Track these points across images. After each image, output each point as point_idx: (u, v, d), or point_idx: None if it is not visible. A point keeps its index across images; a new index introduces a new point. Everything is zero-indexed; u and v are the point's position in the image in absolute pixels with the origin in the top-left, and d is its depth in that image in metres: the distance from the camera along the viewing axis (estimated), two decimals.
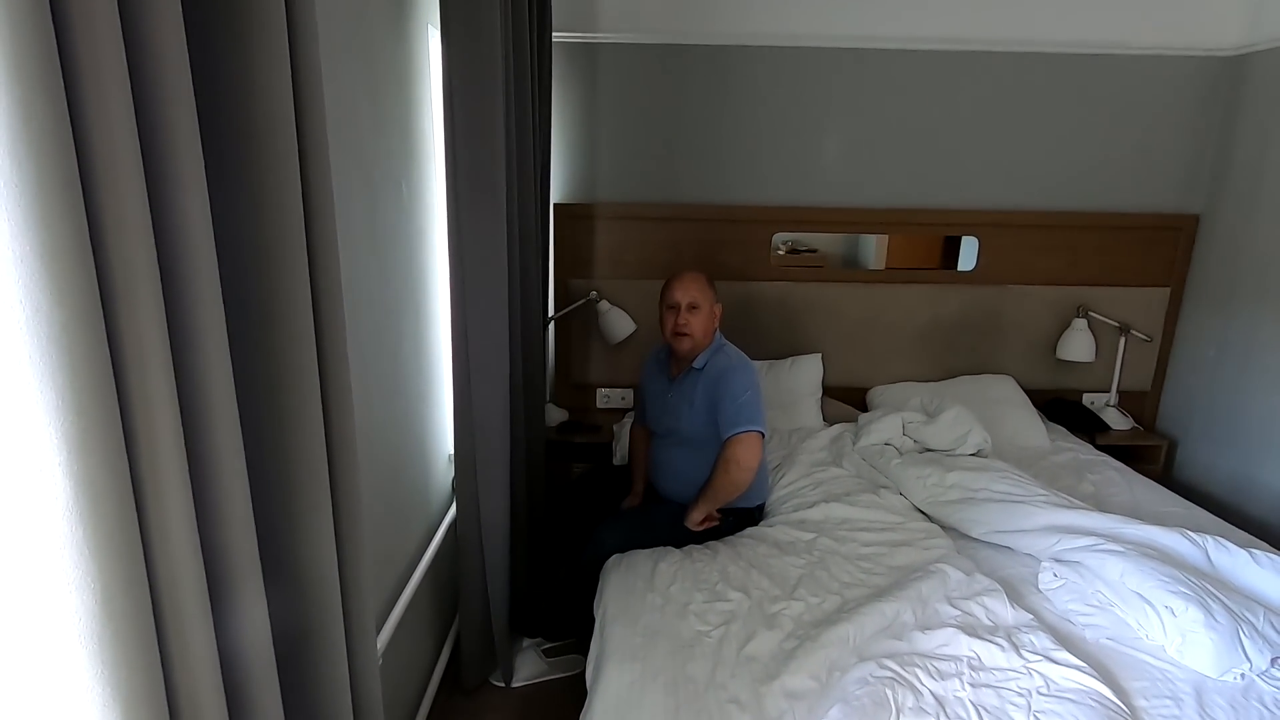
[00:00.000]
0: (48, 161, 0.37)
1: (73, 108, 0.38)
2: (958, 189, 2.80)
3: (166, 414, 0.45)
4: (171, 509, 0.46)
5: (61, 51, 0.37)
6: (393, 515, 1.59)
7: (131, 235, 0.41)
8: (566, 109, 2.68)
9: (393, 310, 1.55)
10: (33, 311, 0.37)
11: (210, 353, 0.50)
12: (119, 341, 0.41)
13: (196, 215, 0.48)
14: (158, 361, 0.44)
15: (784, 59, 2.65)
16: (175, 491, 0.46)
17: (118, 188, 0.40)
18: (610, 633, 1.47)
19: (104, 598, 0.42)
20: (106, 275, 0.41)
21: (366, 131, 1.37)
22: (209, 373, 0.50)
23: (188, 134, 0.47)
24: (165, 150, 0.45)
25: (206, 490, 0.51)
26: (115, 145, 0.40)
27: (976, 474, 2.04)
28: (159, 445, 0.45)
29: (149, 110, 0.44)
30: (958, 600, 1.56)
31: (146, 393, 0.43)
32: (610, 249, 2.77)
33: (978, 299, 2.83)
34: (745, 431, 1.85)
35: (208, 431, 0.51)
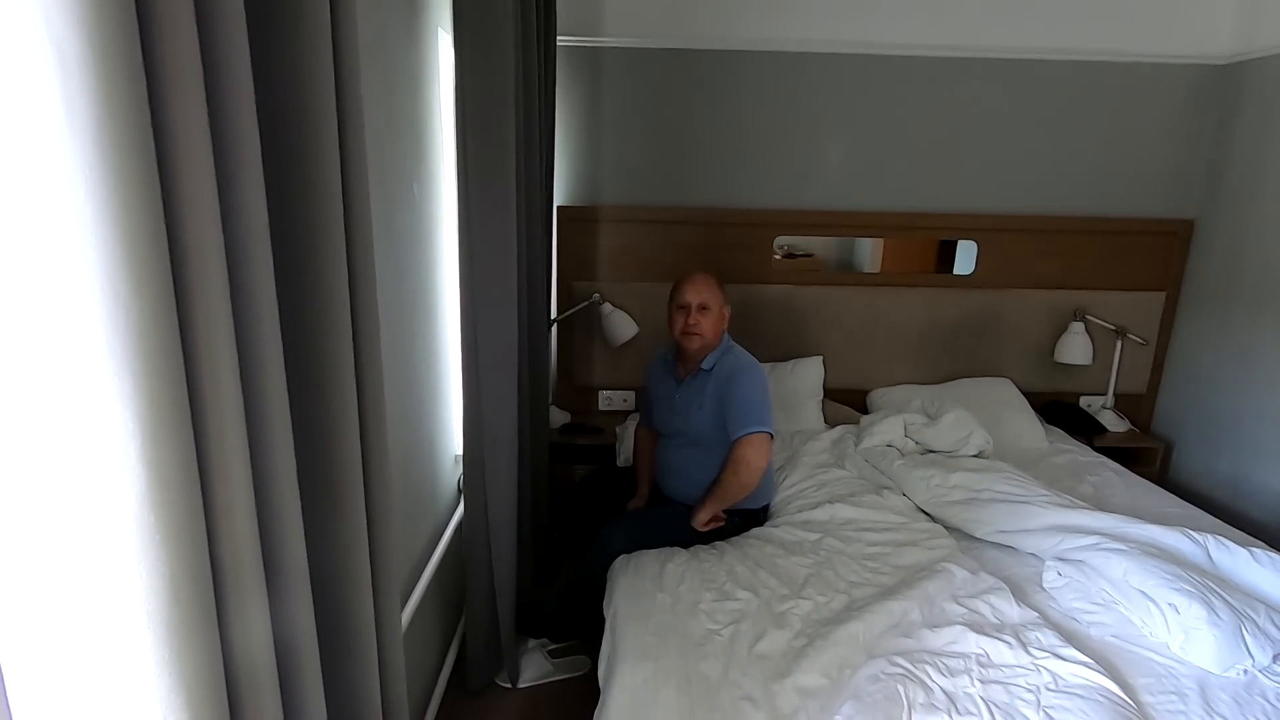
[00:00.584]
0: (129, 156, 0.38)
1: (153, 104, 0.39)
2: (957, 193, 2.83)
3: (232, 405, 0.46)
4: (236, 499, 0.47)
5: (145, 53, 0.38)
6: (402, 516, 1.60)
7: (203, 229, 0.42)
8: (570, 112, 2.69)
9: (404, 311, 1.56)
10: (112, 298, 0.38)
11: (267, 347, 0.51)
12: (191, 333, 0.42)
13: (257, 210, 0.49)
14: (225, 353, 0.45)
15: (785, 64, 2.67)
16: (239, 482, 0.47)
17: (193, 182, 0.41)
18: (622, 632, 1.48)
19: (171, 582, 0.43)
20: (181, 267, 0.41)
21: (380, 133, 1.38)
22: (266, 367, 0.51)
23: (249, 134, 0.48)
24: (230, 148, 0.46)
25: (262, 483, 0.52)
26: (191, 141, 0.41)
27: (979, 475, 2.06)
28: (226, 436, 0.45)
29: (217, 109, 0.45)
30: (964, 599, 1.58)
31: (215, 384, 0.44)
32: (613, 252, 2.79)
33: (976, 302, 2.87)
34: (755, 432, 1.87)
35: (264, 425, 0.51)
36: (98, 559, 0.40)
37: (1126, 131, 2.76)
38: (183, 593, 0.43)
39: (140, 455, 0.40)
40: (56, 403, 0.38)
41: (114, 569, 0.41)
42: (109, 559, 0.41)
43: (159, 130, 0.39)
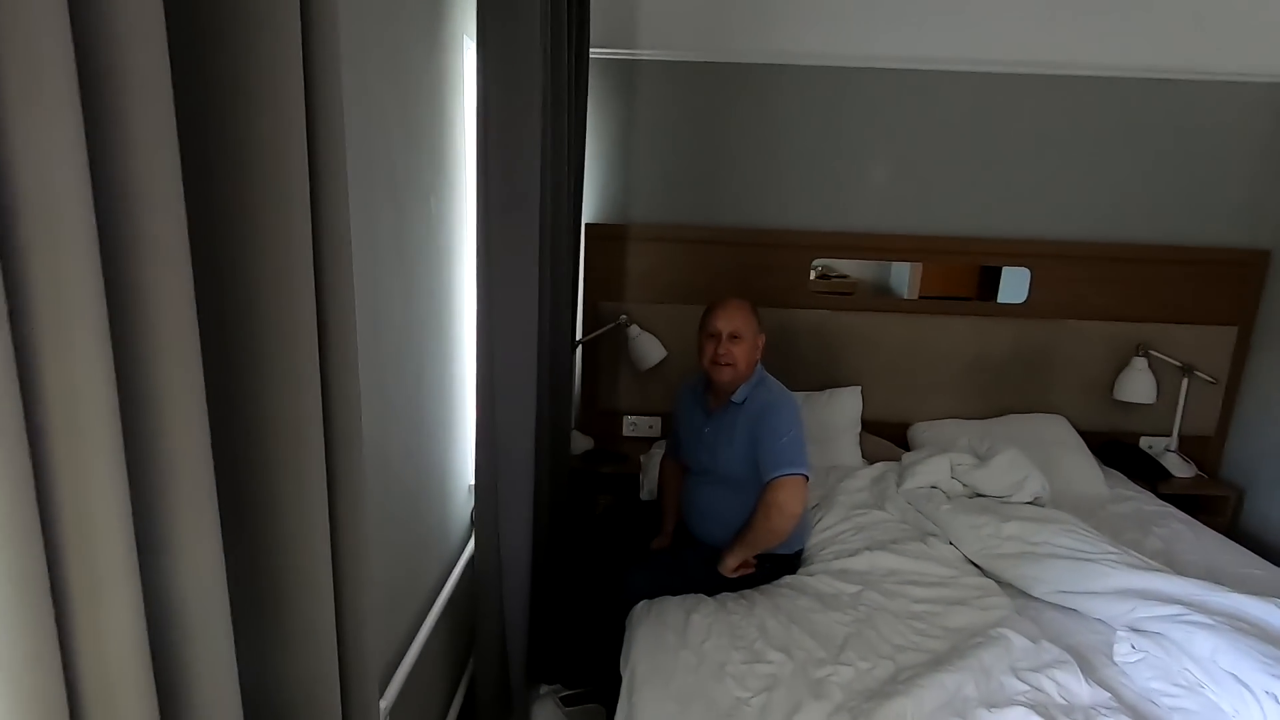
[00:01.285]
0: None
1: None
2: (1009, 217, 2.66)
3: (102, 459, 0.34)
4: (114, 605, 0.35)
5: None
6: (409, 550, 1.48)
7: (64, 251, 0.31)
8: (601, 126, 2.60)
9: (416, 332, 1.45)
10: None
11: (181, 396, 0.39)
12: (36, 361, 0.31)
13: (166, 231, 0.37)
14: (95, 385, 0.33)
15: (826, 79, 2.55)
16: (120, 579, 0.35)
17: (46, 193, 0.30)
18: (640, 698, 1.33)
19: None
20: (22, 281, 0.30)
21: (396, 143, 1.29)
22: (169, 402, 0.39)
23: (157, 139, 0.36)
24: (125, 158, 0.35)
25: (167, 564, 0.40)
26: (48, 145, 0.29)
27: (1037, 525, 1.88)
28: (99, 518, 0.34)
29: (105, 110, 0.34)
30: (1025, 672, 1.40)
31: (75, 424, 0.32)
32: (642, 272, 2.67)
33: (1028, 333, 2.68)
34: (789, 474, 1.72)
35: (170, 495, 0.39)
36: None
37: (1195, 154, 2.57)
38: None
39: None
40: None
41: None
42: None
43: None
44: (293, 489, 0.56)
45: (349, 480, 0.63)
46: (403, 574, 1.44)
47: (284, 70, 0.49)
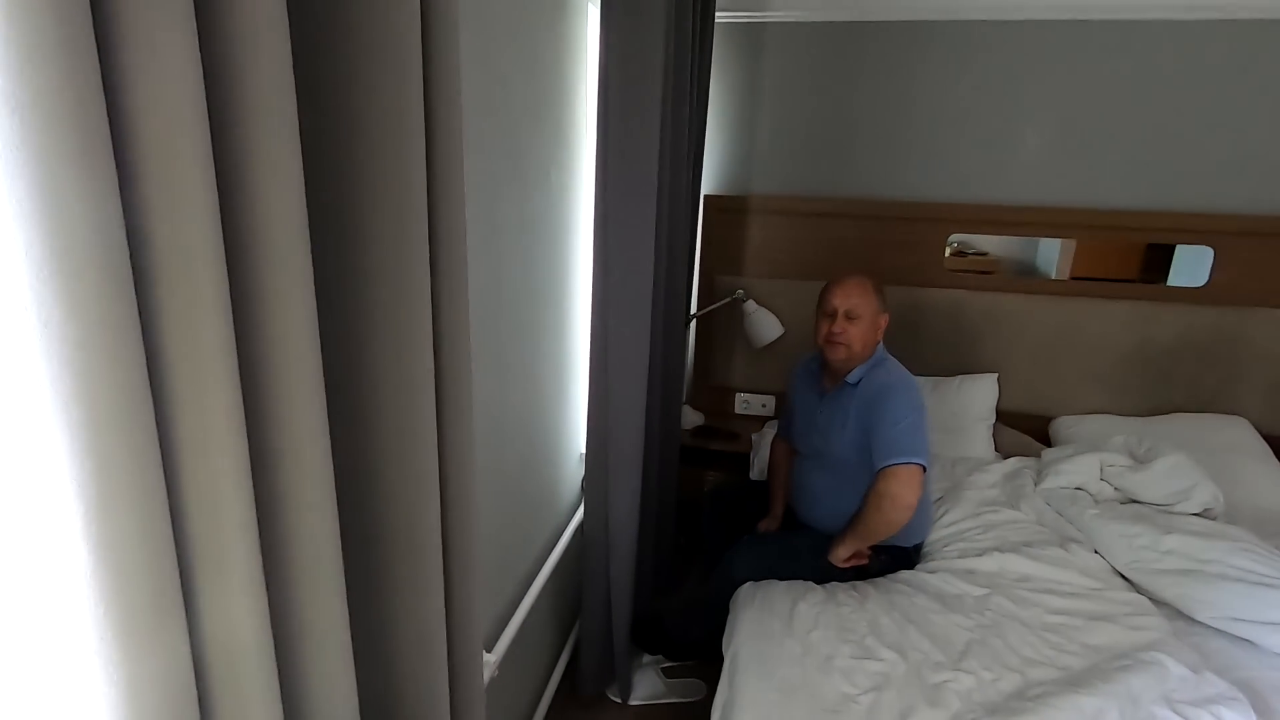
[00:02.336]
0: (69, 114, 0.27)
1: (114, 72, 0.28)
2: (1187, 189, 2.32)
3: (228, 430, 0.35)
4: (231, 541, 0.36)
5: None
6: (520, 514, 1.53)
7: (188, 222, 0.31)
8: (723, 94, 2.51)
9: (535, 302, 1.48)
10: (43, 323, 0.27)
11: (295, 361, 0.40)
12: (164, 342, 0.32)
13: (285, 205, 0.38)
14: (222, 368, 0.34)
15: (975, 34, 2.31)
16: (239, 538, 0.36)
17: (165, 168, 0.30)
18: (741, 682, 1.31)
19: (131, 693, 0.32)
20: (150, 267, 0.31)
21: (520, 115, 1.30)
22: (292, 382, 0.40)
23: (277, 109, 0.37)
24: (243, 129, 0.35)
25: (284, 522, 0.42)
26: (173, 121, 0.30)
27: (1206, 541, 1.66)
28: (217, 466, 0.35)
29: (225, 83, 0.34)
30: (1181, 705, 1.24)
31: (203, 404, 0.33)
32: (761, 245, 2.58)
33: (1207, 321, 2.34)
34: (902, 463, 1.61)
35: (287, 454, 0.41)
36: None
37: None
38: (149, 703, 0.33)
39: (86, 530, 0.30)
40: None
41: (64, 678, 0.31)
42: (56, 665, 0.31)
43: (128, 104, 0.29)
44: (407, 447, 0.57)
45: (458, 440, 0.64)
46: (513, 535, 1.49)
47: (402, 43, 0.49)
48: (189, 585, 0.35)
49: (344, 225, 0.48)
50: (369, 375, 0.54)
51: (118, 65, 0.28)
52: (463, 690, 0.74)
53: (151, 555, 0.32)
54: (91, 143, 0.26)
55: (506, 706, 1.55)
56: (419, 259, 0.53)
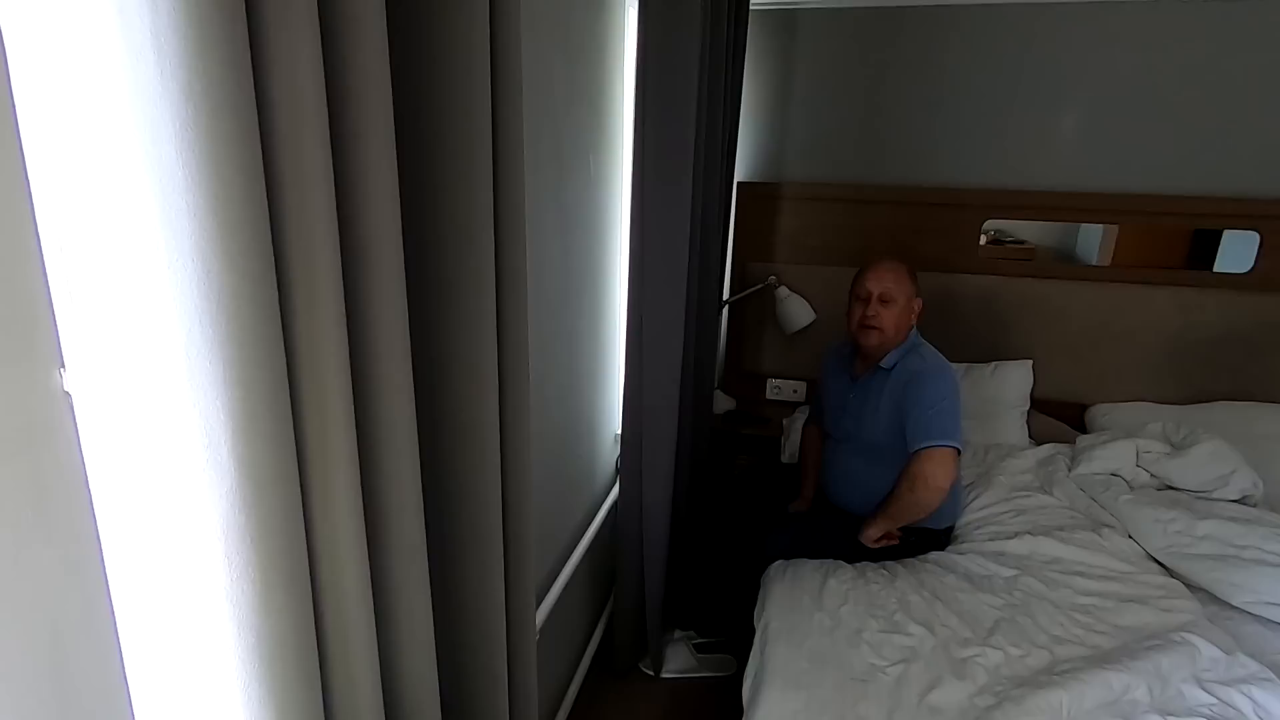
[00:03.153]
0: (226, 130, 0.32)
1: (257, 73, 0.33)
2: (1231, 171, 2.27)
3: (339, 398, 0.41)
4: (338, 498, 0.42)
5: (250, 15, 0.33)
6: (558, 491, 1.60)
7: (311, 210, 0.37)
8: (758, 81, 2.53)
9: (573, 285, 1.53)
10: (204, 274, 0.33)
11: (388, 335, 0.46)
12: (293, 319, 0.38)
13: (383, 195, 0.43)
14: (333, 342, 0.40)
15: (1011, 16, 2.29)
16: (343, 479, 0.43)
17: (301, 162, 0.36)
18: (772, 652, 1.35)
19: (263, 589, 0.38)
20: (284, 248, 0.37)
21: (559, 102, 1.34)
22: (386, 356, 0.46)
23: (379, 112, 0.42)
24: (352, 127, 0.40)
25: (377, 477, 0.47)
26: (301, 121, 0.35)
27: (1244, 527, 1.65)
28: (329, 430, 0.41)
29: (337, 83, 0.39)
30: (1211, 685, 1.25)
31: (319, 374, 0.39)
32: (794, 232, 2.60)
33: (1252, 308, 2.30)
34: (937, 446, 1.63)
35: (381, 416, 0.47)
36: (183, 561, 0.37)
37: None
38: (276, 601, 0.39)
39: (232, 452, 0.36)
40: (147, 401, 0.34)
41: (201, 572, 0.37)
42: (196, 562, 0.37)
43: (264, 109, 0.34)
44: (473, 417, 0.63)
45: (517, 411, 0.69)
46: (553, 511, 1.56)
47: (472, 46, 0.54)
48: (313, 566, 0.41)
49: (423, 224, 0.54)
50: (443, 365, 0.60)
51: (260, 62, 0.33)
52: (517, 640, 0.80)
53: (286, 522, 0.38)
54: (247, 131, 0.32)
55: (545, 675, 1.62)
56: (485, 258, 0.58)
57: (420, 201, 0.54)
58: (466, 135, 0.53)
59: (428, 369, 0.57)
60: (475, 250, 0.57)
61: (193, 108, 0.31)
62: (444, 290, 0.57)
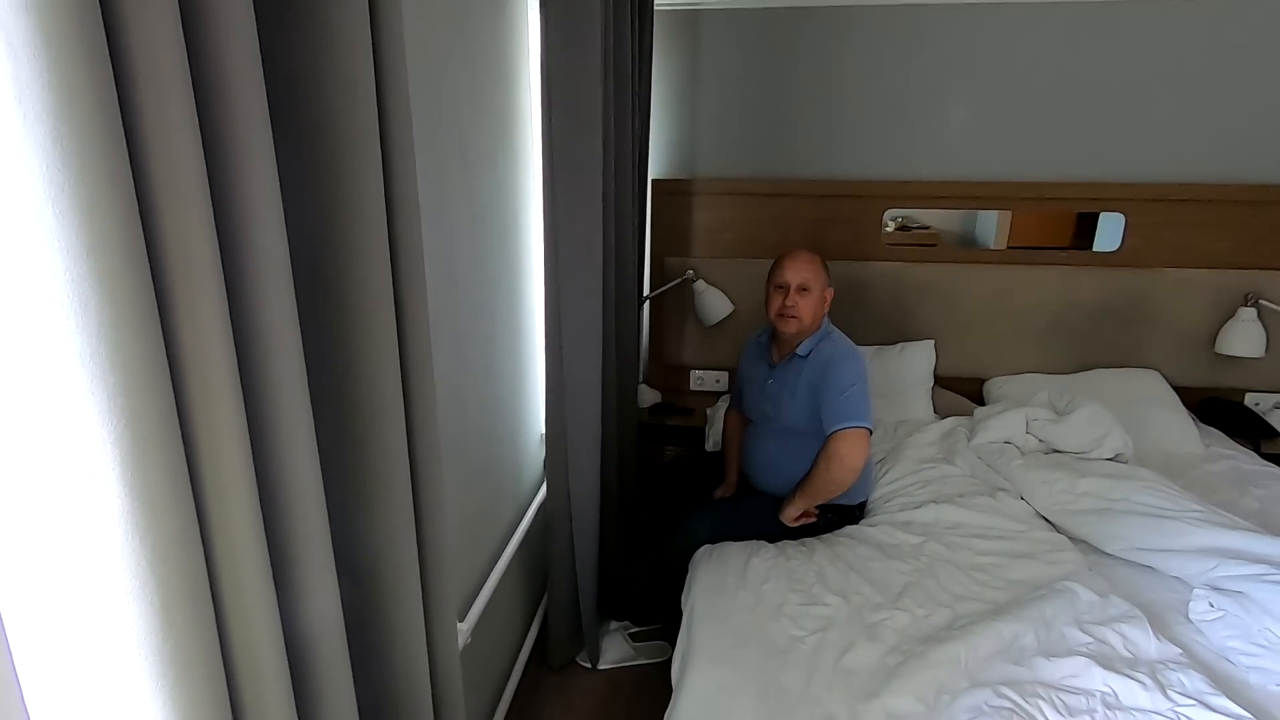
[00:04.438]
0: (94, 150, 0.33)
1: (122, 90, 0.34)
2: (1101, 159, 2.49)
3: (229, 412, 0.42)
4: (235, 511, 0.43)
5: (108, 22, 0.34)
6: (485, 493, 1.60)
7: (190, 226, 0.38)
8: (666, 80, 2.58)
9: (488, 288, 1.54)
10: (80, 307, 0.34)
11: (280, 345, 0.47)
12: (177, 338, 0.39)
13: (264, 204, 0.44)
14: (219, 357, 0.41)
15: (900, 18, 2.43)
16: (239, 492, 0.44)
17: (175, 174, 0.37)
18: (698, 631, 1.41)
19: (163, 608, 0.39)
20: (163, 269, 0.37)
21: (463, 104, 1.35)
22: (279, 365, 0.47)
23: (255, 116, 0.43)
24: (227, 133, 0.41)
25: (275, 488, 0.49)
26: (170, 129, 0.36)
27: (1115, 482, 1.82)
28: (222, 445, 0.42)
29: (209, 88, 0.40)
30: (1089, 625, 1.39)
31: (208, 390, 0.40)
32: (709, 227, 2.68)
33: (1121, 283, 2.53)
34: (851, 427, 1.73)
35: (277, 426, 0.48)
36: (79, 586, 0.38)
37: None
38: (176, 618, 0.40)
39: (121, 475, 0.37)
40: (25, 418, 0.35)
41: (98, 595, 0.38)
42: (91, 586, 0.38)
43: (131, 120, 0.35)
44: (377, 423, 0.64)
45: (423, 416, 0.71)
46: (479, 513, 1.56)
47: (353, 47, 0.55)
48: None
49: (315, 224, 0.55)
50: (343, 363, 0.61)
51: (124, 68, 0.34)
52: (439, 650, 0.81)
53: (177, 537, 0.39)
54: (110, 136, 0.33)
55: (481, 673, 1.63)
56: (379, 251, 0.60)
57: (308, 207, 0.55)
58: (351, 132, 0.55)
59: (326, 379, 0.58)
60: (368, 257, 0.59)
61: (60, 150, 0.32)
62: (340, 299, 0.58)
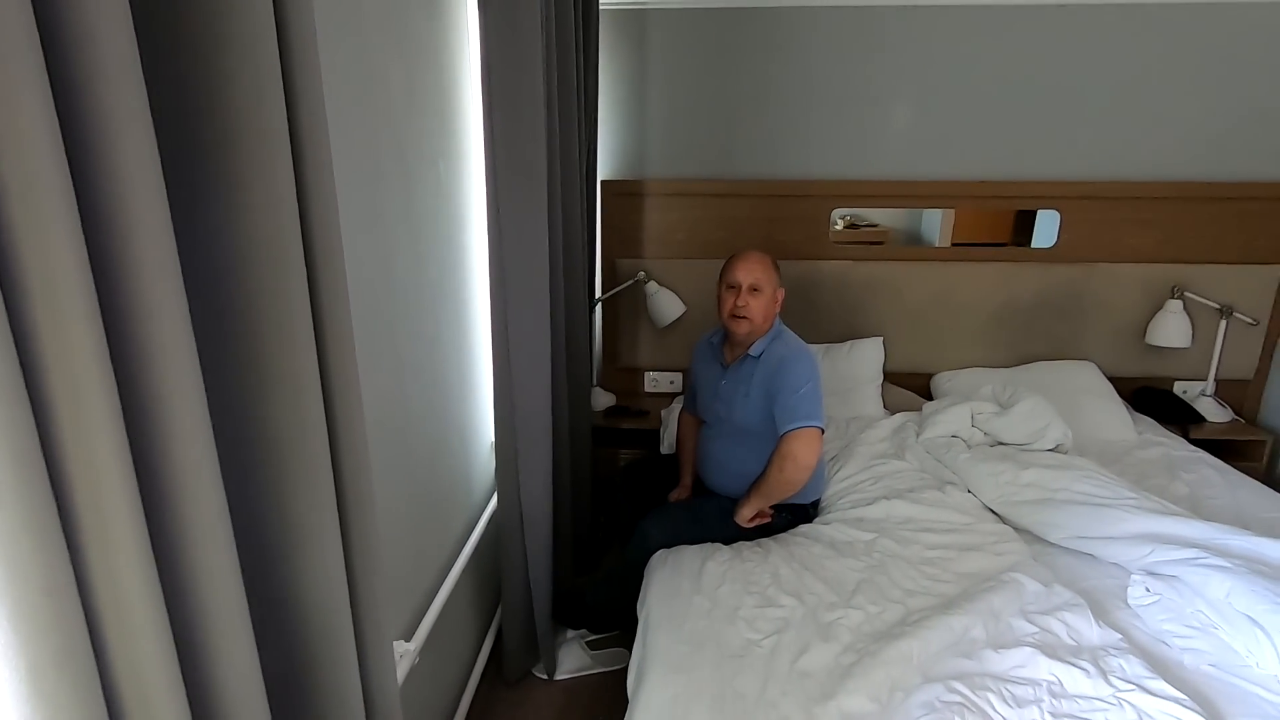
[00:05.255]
0: None
1: None
2: (1038, 159, 2.57)
3: (108, 444, 0.38)
4: (122, 561, 0.39)
5: None
6: (433, 505, 1.55)
7: (52, 239, 0.34)
8: (615, 81, 2.56)
9: (431, 296, 1.49)
10: None
11: (172, 365, 0.43)
12: (40, 363, 0.34)
13: (148, 213, 0.40)
14: (94, 380, 0.37)
15: (843, 20, 2.46)
16: (125, 535, 0.39)
17: (30, 184, 0.33)
18: (653, 640, 1.39)
19: (30, 674, 0.35)
20: (21, 291, 0.33)
21: (400, 108, 1.30)
22: (170, 386, 0.43)
23: (133, 119, 0.39)
24: (99, 138, 0.37)
25: (172, 528, 0.44)
26: (24, 133, 0.32)
27: (1056, 472, 1.87)
28: (100, 480, 0.38)
29: (73, 88, 0.36)
30: (1035, 615, 1.42)
31: (80, 419, 0.36)
32: (660, 228, 2.66)
33: (1058, 278, 2.61)
34: (804, 427, 1.73)
35: (170, 457, 0.44)
36: None
37: (1240, 83, 2.43)
38: (48, 685, 0.36)
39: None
40: None
41: None
42: None
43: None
44: (297, 444, 0.60)
45: (350, 435, 0.67)
46: (427, 527, 1.51)
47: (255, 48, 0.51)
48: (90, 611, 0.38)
49: (216, 229, 0.51)
50: (254, 377, 0.57)
51: None
52: (375, 678, 0.77)
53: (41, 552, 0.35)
54: None
55: (432, 692, 1.58)
56: (293, 257, 0.56)
57: (210, 215, 0.51)
58: (254, 134, 0.51)
59: (233, 400, 0.54)
60: (280, 266, 0.55)
61: None
62: (249, 313, 0.54)
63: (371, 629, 0.73)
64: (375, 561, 0.73)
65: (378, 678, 0.76)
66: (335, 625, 0.66)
